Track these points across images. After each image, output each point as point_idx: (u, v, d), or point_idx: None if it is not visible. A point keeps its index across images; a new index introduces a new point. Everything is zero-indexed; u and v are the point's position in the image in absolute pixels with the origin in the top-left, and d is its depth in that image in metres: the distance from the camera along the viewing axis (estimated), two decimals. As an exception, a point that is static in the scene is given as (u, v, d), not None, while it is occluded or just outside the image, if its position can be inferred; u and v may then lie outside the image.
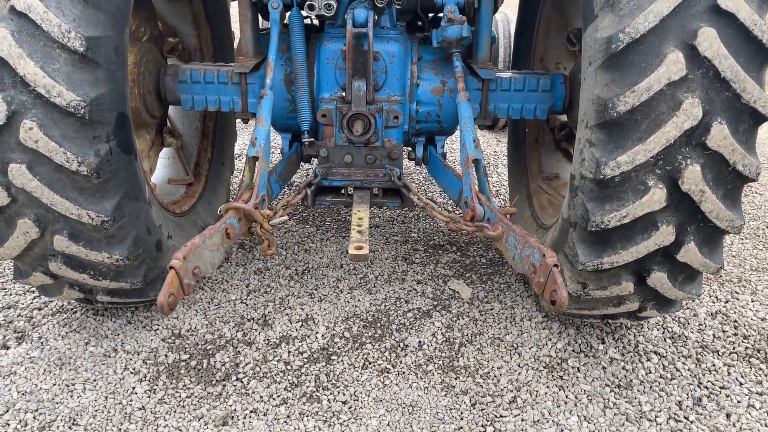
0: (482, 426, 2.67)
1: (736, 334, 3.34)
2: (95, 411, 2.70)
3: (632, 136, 2.29)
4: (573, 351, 3.15)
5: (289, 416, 2.70)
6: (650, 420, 2.73)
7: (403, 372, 2.98)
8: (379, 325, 3.32)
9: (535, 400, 2.82)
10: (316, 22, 3.89)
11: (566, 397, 2.85)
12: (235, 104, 3.44)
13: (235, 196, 2.84)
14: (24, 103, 2.30)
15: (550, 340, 3.22)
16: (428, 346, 3.16)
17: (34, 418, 2.66)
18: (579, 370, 3.02)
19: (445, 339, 3.22)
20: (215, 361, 3.01)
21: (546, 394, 2.86)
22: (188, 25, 4.00)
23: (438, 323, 3.34)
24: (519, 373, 2.99)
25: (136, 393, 2.81)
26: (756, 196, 5.32)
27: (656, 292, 2.66)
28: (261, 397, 2.80)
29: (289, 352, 3.09)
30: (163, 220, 3.05)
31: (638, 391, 2.90)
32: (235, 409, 2.73)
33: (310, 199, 3.36)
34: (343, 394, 2.82)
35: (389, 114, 3.30)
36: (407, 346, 3.16)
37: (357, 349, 3.13)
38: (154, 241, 2.86)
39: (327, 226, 4.50)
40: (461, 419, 2.71)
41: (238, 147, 5.83)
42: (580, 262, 2.56)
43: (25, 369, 2.94)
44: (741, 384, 2.97)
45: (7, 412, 2.69)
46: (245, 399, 2.79)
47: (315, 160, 3.61)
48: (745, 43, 2.19)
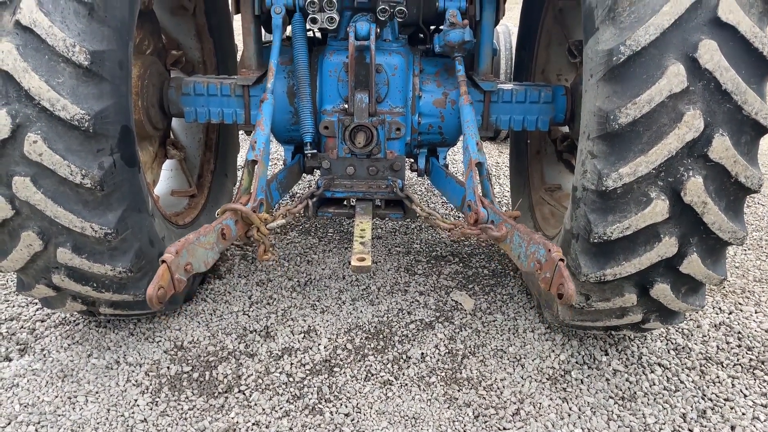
0: (485, 439, 2.66)
1: (740, 346, 3.32)
2: (97, 423, 2.70)
3: (634, 148, 2.29)
4: (576, 363, 3.14)
5: (291, 429, 2.69)
6: (654, 432, 2.72)
7: (406, 384, 2.97)
8: (381, 336, 3.32)
9: (539, 413, 2.81)
10: (318, 35, 3.91)
11: (570, 409, 2.83)
12: (237, 116, 3.46)
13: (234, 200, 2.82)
14: (29, 117, 2.31)
15: (553, 351, 3.21)
16: (431, 357, 3.15)
17: (36, 430, 2.66)
18: (582, 382, 3.00)
19: (447, 351, 3.21)
20: (217, 373, 3.00)
21: (549, 406, 2.85)
22: (192, 38, 4.04)
23: (441, 335, 3.33)
24: (522, 385, 2.97)
25: (138, 405, 2.80)
26: (759, 207, 5.31)
27: (659, 304, 2.66)
28: (263, 409, 2.79)
29: (292, 363, 3.08)
30: (166, 232, 3.06)
31: (642, 403, 2.88)
32: (237, 422, 2.72)
33: (312, 210, 3.36)
34: (346, 407, 2.81)
35: (391, 126, 3.31)
36: (410, 357, 3.15)
37: (359, 360, 3.12)
38: (157, 254, 2.86)
39: (329, 237, 4.51)
40: (464, 432, 2.70)
41: (241, 158, 5.84)
42: (582, 274, 2.56)
43: (28, 381, 2.94)
44: (745, 396, 2.95)
45: (9, 424, 2.68)
46: (247, 411, 2.78)
47: (317, 172, 3.62)
48: (745, 55, 2.20)
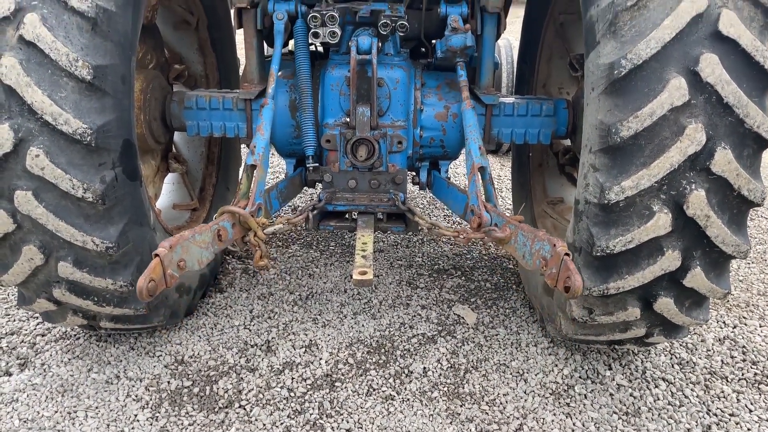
0: (488, 454, 2.64)
1: (744, 360, 3.29)
2: (97, 439, 2.68)
3: (636, 161, 2.29)
4: (580, 377, 3.11)
5: (292, 444, 2.67)
6: (659, 448, 2.69)
7: (408, 399, 2.94)
8: (383, 351, 3.30)
9: (542, 428, 2.78)
10: (320, 49, 3.93)
11: (573, 424, 2.81)
12: (240, 130, 3.47)
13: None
14: (31, 131, 2.32)
15: (556, 366, 3.18)
16: (433, 372, 3.13)
17: (35, 446, 2.64)
18: (586, 397, 2.98)
19: (450, 365, 3.19)
20: (218, 388, 2.98)
21: (553, 421, 2.82)
22: (194, 52, 4.06)
23: (443, 349, 3.31)
24: (525, 400, 2.95)
25: (138, 420, 2.78)
26: (762, 221, 5.30)
27: (663, 318, 2.64)
28: (264, 424, 2.77)
29: (293, 378, 3.06)
30: (167, 246, 3.05)
31: (646, 418, 2.85)
32: (237, 437, 2.70)
33: (313, 223, 3.35)
34: (347, 422, 2.79)
35: (393, 139, 3.31)
36: (412, 372, 3.13)
37: (361, 375, 3.10)
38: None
39: (331, 251, 4.50)
40: (467, 447, 2.67)
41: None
42: (585, 288, 2.55)
43: (27, 396, 2.92)
44: (750, 411, 2.92)
45: (8, 440, 2.67)
46: (248, 426, 2.76)
47: (319, 185, 3.62)
48: (747, 69, 2.20)
